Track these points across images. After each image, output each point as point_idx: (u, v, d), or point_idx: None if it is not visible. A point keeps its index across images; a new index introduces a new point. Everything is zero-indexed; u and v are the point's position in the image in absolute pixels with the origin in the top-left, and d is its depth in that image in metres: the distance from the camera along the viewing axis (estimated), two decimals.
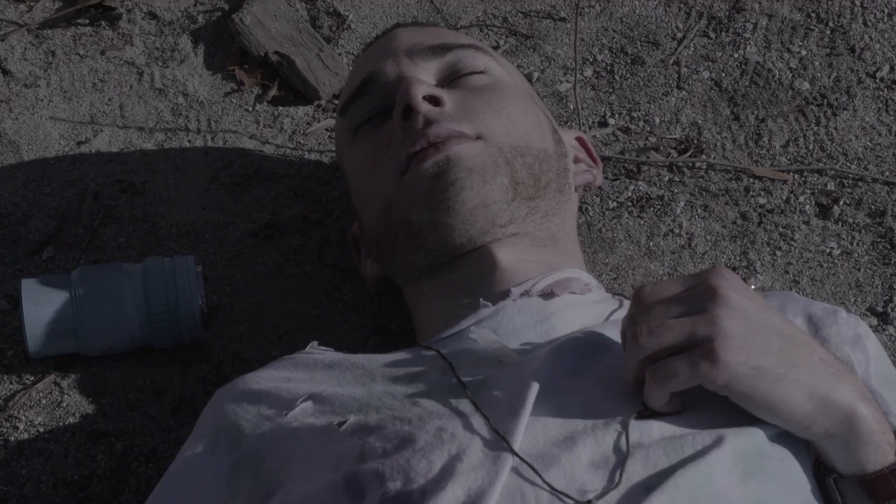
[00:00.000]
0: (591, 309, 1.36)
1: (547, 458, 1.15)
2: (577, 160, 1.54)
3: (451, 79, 1.47)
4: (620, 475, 1.14)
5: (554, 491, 1.13)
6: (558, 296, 1.35)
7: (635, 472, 1.14)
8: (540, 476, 1.13)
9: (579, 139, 1.57)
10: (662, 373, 1.15)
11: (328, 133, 1.77)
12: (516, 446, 1.15)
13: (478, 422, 1.18)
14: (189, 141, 1.76)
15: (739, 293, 1.16)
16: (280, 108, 1.80)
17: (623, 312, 1.33)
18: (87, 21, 1.86)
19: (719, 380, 1.13)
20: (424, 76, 1.46)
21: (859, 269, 1.65)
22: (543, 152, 1.43)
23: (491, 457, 1.15)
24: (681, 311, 1.16)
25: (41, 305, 1.51)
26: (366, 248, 1.53)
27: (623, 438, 1.16)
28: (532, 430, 1.17)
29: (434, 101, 1.40)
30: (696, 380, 1.14)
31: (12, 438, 1.53)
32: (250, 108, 1.79)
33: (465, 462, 1.14)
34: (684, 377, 1.14)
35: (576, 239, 1.49)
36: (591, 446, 1.15)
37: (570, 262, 1.42)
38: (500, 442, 1.15)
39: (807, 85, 1.80)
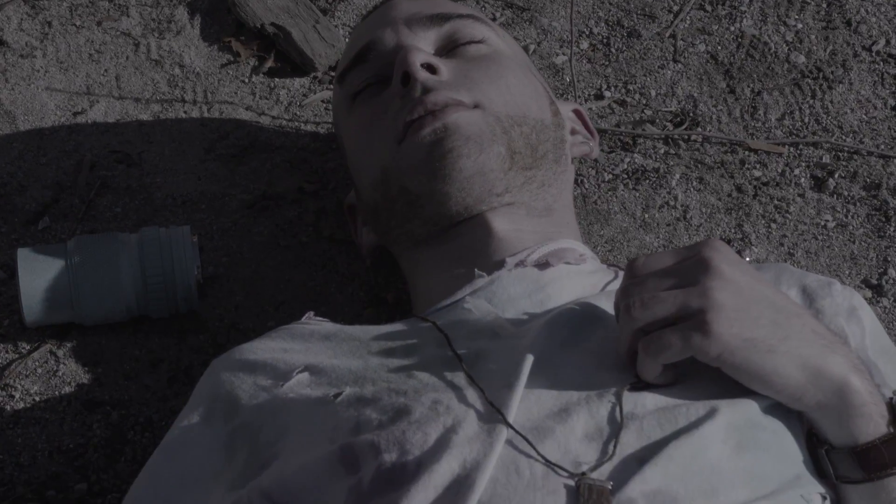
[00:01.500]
0: (585, 279, 1.36)
1: (541, 431, 1.15)
2: (573, 132, 1.54)
3: (450, 48, 1.47)
4: (615, 447, 1.14)
5: (548, 463, 1.13)
6: (553, 266, 1.35)
7: (629, 443, 1.15)
8: (534, 448, 1.14)
9: (576, 111, 1.57)
10: (655, 345, 1.15)
11: (324, 105, 1.77)
12: (511, 419, 1.15)
13: (472, 394, 1.19)
14: (185, 112, 1.76)
15: (732, 265, 1.17)
16: (276, 79, 1.79)
17: (618, 283, 1.34)
18: None
19: (711, 351, 1.14)
20: (423, 45, 1.46)
21: (854, 242, 1.65)
22: (540, 122, 1.43)
23: (486, 429, 1.15)
24: (673, 284, 1.16)
25: (37, 275, 1.52)
26: (362, 217, 1.53)
27: (617, 410, 1.16)
28: (526, 403, 1.17)
29: (432, 69, 1.40)
30: (689, 351, 1.14)
31: (8, 407, 1.53)
32: (246, 80, 1.79)
33: (459, 434, 1.15)
34: (676, 349, 1.15)
35: (572, 210, 1.49)
36: (586, 418, 1.16)
37: (565, 232, 1.43)
38: (494, 414, 1.16)
39: (802, 58, 1.80)
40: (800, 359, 1.16)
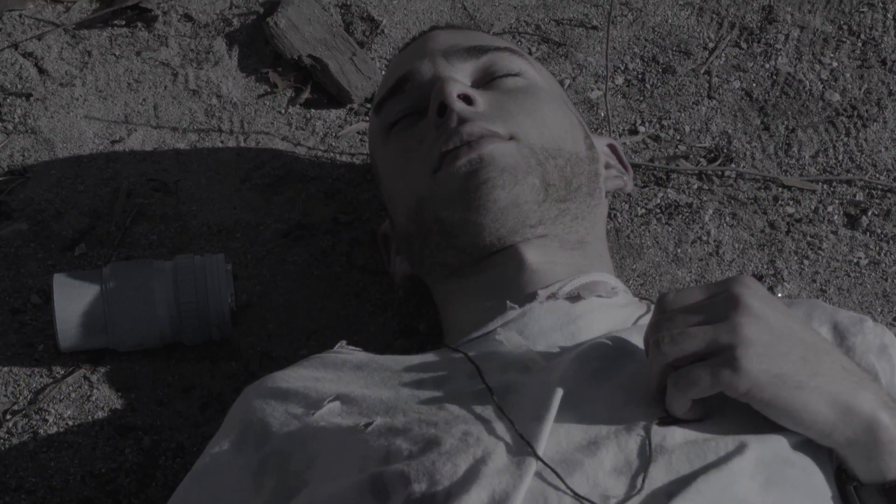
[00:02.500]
0: (617, 312, 1.36)
1: (570, 464, 1.15)
2: (608, 166, 1.54)
3: (486, 80, 1.47)
4: (643, 481, 1.14)
5: (577, 496, 1.13)
6: (585, 298, 1.35)
7: (657, 477, 1.14)
8: (563, 481, 1.14)
9: (611, 146, 1.58)
10: (684, 380, 1.15)
11: (360, 136, 1.78)
12: (540, 451, 1.15)
13: (502, 427, 1.19)
14: (222, 141, 1.77)
15: (761, 301, 1.16)
16: (312, 110, 1.81)
17: (649, 317, 1.34)
18: (124, 22, 1.87)
19: (741, 387, 1.13)
20: (460, 76, 1.46)
21: (886, 280, 1.65)
22: (575, 156, 1.43)
23: (515, 461, 1.15)
24: (703, 319, 1.16)
25: (72, 300, 1.53)
26: (396, 246, 1.54)
27: (646, 444, 1.16)
28: (556, 436, 1.17)
29: (468, 100, 1.41)
30: (718, 387, 1.14)
31: (42, 431, 1.54)
32: (283, 111, 1.80)
33: (489, 466, 1.15)
34: (706, 385, 1.14)
35: (605, 243, 1.49)
36: (615, 451, 1.16)
37: (598, 265, 1.43)
38: (524, 447, 1.16)
39: (837, 96, 1.80)
40: (829, 395, 1.15)
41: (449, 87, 1.40)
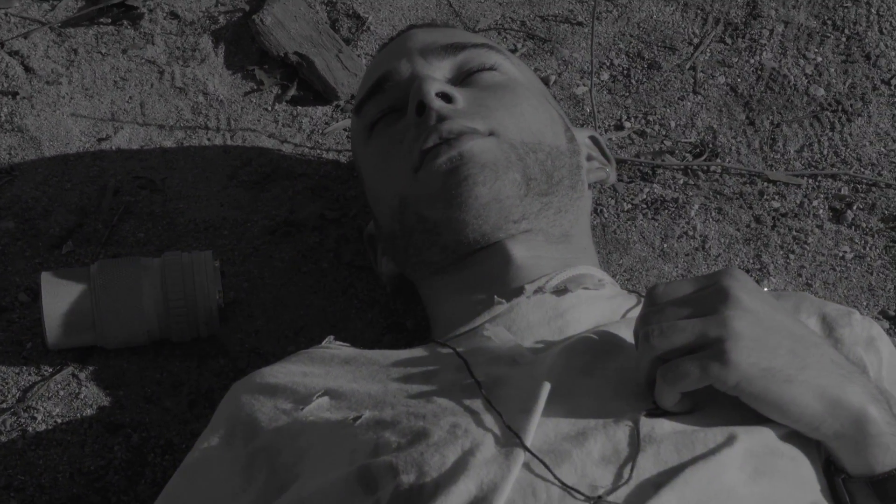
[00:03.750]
0: (605, 304, 1.37)
1: (558, 454, 1.16)
2: (590, 158, 1.54)
3: (464, 77, 1.48)
4: (631, 471, 1.14)
5: (565, 486, 1.13)
6: (572, 291, 1.36)
7: (646, 468, 1.15)
8: (551, 471, 1.14)
9: (592, 137, 1.58)
10: (673, 373, 1.15)
11: (346, 133, 1.78)
12: (528, 442, 1.16)
13: (490, 419, 1.19)
14: (208, 139, 1.77)
15: (751, 294, 1.17)
16: (299, 107, 1.81)
17: (638, 309, 1.34)
18: (110, 20, 1.87)
19: (729, 381, 1.14)
20: (438, 74, 1.46)
21: (871, 274, 1.66)
22: (556, 149, 1.44)
23: (503, 452, 1.15)
24: (692, 312, 1.16)
25: (60, 298, 1.53)
26: (381, 246, 1.54)
27: (634, 434, 1.17)
28: (544, 428, 1.18)
29: (447, 98, 1.41)
30: (707, 380, 1.14)
31: (30, 429, 1.54)
32: (269, 108, 1.80)
33: (477, 457, 1.15)
34: (694, 378, 1.14)
35: (589, 236, 1.49)
36: (603, 441, 1.16)
37: (583, 258, 1.43)
38: (512, 438, 1.16)
39: (822, 91, 1.81)
40: (818, 389, 1.16)
41: (426, 85, 1.40)
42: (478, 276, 1.40)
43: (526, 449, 1.15)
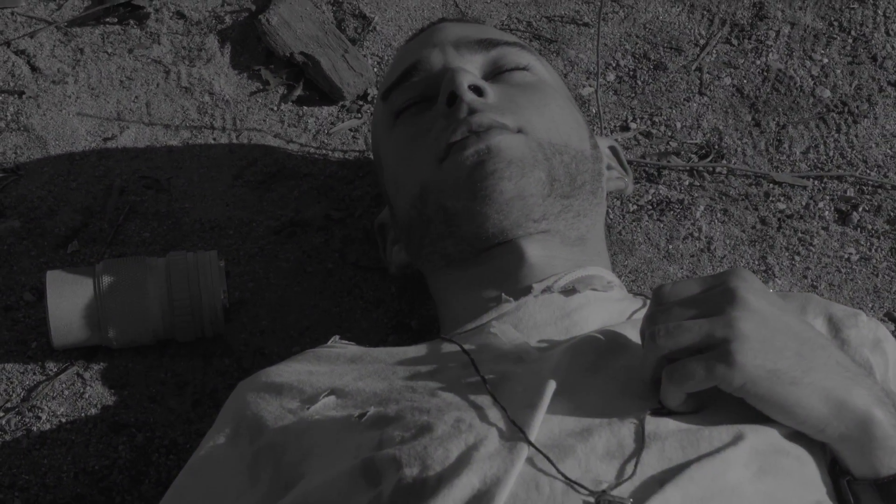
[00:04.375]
0: (612, 306, 1.37)
1: (562, 449, 1.16)
2: (609, 168, 1.55)
3: (495, 73, 1.48)
4: (635, 467, 1.14)
5: (568, 481, 1.14)
6: (580, 292, 1.36)
7: (650, 464, 1.15)
8: (555, 466, 1.14)
9: (612, 148, 1.59)
10: (679, 373, 1.15)
11: (352, 133, 1.78)
12: (532, 437, 1.16)
13: (495, 414, 1.19)
14: (214, 139, 1.78)
15: (757, 295, 1.16)
16: (304, 107, 1.81)
17: (644, 312, 1.34)
18: (116, 20, 1.87)
19: (735, 382, 1.14)
20: (470, 68, 1.47)
21: (877, 275, 1.65)
22: (581, 153, 1.44)
23: (507, 447, 1.16)
24: (699, 312, 1.16)
25: (65, 298, 1.53)
26: (394, 235, 1.54)
27: (639, 430, 1.16)
28: (548, 423, 1.18)
29: (478, 91, 1.41)
30: (712, 381, 1.14)
31: (35, 428, 1.54)
32: (275, 108, 1.80)
33: (481, 451, 1.15)
34: (700, 378, 1.14)
35: (604, 242, 1.50)
36: (607, 437, 1.16)
37: (596, 262, 1.43)
38: (516, 433, 1.16)
39: (828, 93, 1.81)
40: (823, 391, 1.16)
41: (460, 77, 1.41)
42: (490, 273, 1.40)
43: (530, 443, 1.15)
